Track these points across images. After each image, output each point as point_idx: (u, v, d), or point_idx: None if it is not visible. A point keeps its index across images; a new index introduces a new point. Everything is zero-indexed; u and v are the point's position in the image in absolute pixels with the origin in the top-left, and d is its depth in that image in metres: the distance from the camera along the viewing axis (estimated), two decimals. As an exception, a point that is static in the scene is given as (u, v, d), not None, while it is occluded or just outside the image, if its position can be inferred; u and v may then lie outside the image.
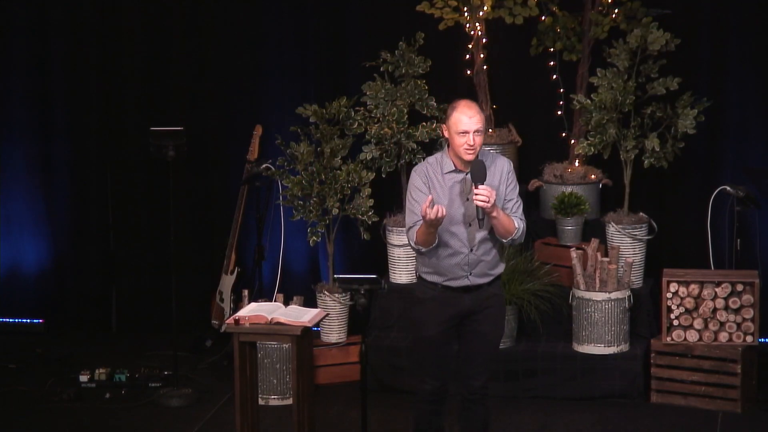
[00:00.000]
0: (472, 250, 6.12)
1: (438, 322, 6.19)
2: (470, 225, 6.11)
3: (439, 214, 5.89)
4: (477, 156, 6.06)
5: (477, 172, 5.98)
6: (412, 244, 6.14)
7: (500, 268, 6.27)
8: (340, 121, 8.39)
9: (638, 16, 8.34)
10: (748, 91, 8.56)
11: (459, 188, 6.13)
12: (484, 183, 5.98)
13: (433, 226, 5.96)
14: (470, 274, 6.14)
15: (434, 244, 6.07)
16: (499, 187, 6.13)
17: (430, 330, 6.20)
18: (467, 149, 6.02)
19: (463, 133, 6.01)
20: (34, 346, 9.08)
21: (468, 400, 6.33)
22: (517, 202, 6.20)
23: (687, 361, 7.84)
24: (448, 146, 6.17)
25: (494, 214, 5.99)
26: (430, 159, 6.23)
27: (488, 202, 5.91)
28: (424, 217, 5.92)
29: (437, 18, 8.56)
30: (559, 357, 7.99)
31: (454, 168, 6.14)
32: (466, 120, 6.00)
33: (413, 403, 6.41)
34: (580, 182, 8.47)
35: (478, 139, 6.02)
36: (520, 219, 6.15)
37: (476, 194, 5.93)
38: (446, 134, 6.13)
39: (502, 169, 6.17)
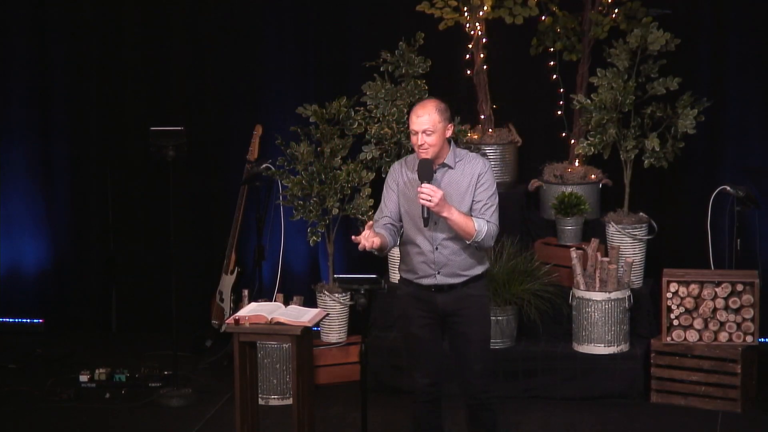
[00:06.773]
0: (437, 249, 6.17)
1: (417, 318, 6.28)
2: (435, 224, 6.15)
3: (368, 246, 6.03)
4: (433, 156, 6.10)
5: (422, 170, 6.08)
6: None
7: (477, 270, 6.26)
8: (340, 121, 8.38)
9: (638, 16, 8.34)
10: (748, 91, 8.56)
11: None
12: (431, 182, 6.04)
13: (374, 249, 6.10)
14: (438, 273, 6.20)
15: (385, 252, 6.19)
16: (467, 189, 6.15)
17: (412, 326, 6.30)
18: (418, 148, 6.11)
19: (414, 132, 6.12)
20: (34, 346, 9.09)
21: (472, 406, 6.34)
22: (486, 204, 6.17)
23: (687, 361, 7.83)
24: None
25: (444, 214, 6.02)
26: (408, 157, 6.35)
27: (431, 200, 5.97)
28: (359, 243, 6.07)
29: (437, 18, 8.55)
30: (559, 357, 7.98)
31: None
32: (414, 119, 6.12)
33: (412, 403, 6.44)
34: (580, 182, 8.47)
35: (429, 139, 6.08)
36: (487, 221, 6.13)
37: (419, 192, 6.01)
38: None
39: (473, 171, 6.18)
